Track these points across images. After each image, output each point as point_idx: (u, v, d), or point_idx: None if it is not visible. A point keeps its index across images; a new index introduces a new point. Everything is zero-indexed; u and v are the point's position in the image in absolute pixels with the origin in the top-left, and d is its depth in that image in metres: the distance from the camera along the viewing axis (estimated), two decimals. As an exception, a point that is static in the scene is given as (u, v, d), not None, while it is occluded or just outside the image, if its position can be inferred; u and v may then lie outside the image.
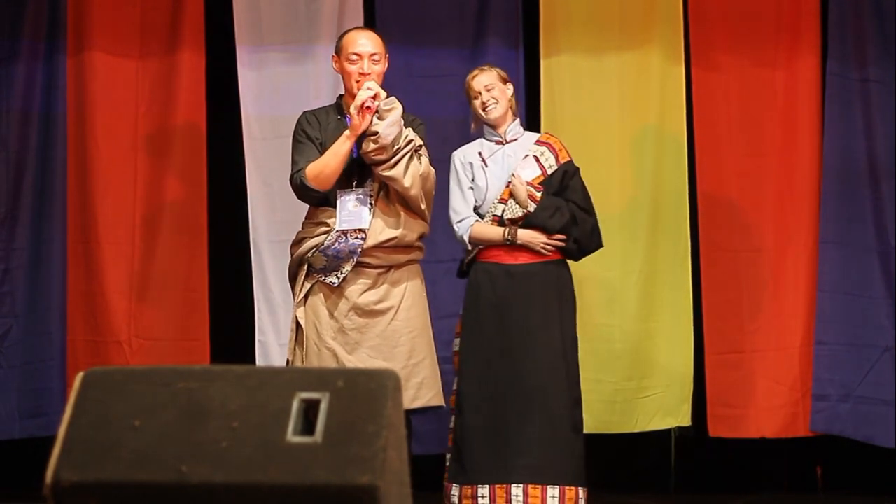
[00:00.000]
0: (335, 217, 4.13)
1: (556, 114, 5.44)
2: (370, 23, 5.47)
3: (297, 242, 4.24)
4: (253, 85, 5.47)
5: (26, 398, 5.37)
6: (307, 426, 2.18)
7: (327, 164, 4.10)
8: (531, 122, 5.45)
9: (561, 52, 5.46)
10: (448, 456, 4.49)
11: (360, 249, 4.08)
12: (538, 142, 4.65)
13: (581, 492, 4.46)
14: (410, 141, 4.13)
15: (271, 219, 5.43)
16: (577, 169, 4.63)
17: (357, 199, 4.13)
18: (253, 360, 5.33)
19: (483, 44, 5.47)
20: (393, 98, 4.12)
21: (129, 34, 5.48)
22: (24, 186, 5.42)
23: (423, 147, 4.22)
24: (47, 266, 5.41)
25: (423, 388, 4.15)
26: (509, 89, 4.63)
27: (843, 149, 5.35)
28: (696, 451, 5.48)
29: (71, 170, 5.44)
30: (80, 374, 2.30)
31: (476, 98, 4.59)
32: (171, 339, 5.43)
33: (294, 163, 4.19)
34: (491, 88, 4.58)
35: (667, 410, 5.35)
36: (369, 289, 4.12)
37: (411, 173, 4.10)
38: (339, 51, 4.26)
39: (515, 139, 4.64)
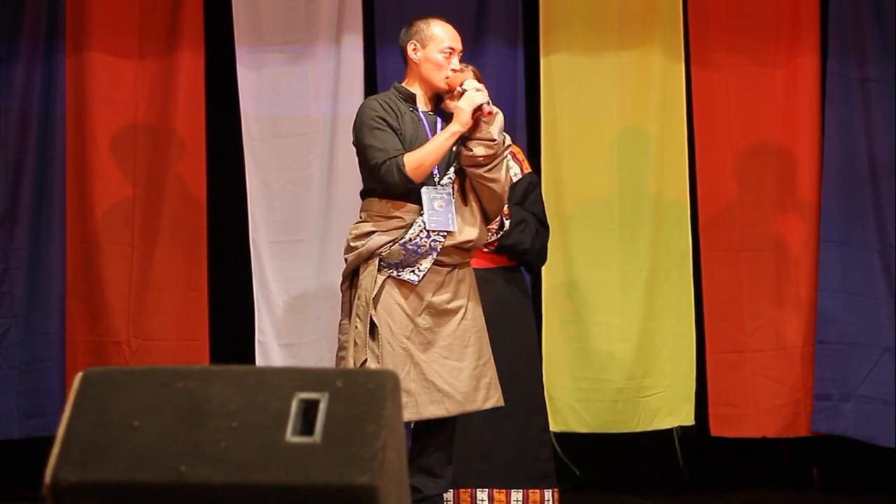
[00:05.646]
0: (409, 212, 3.93)
1: (556, 113, 5.43)
2: (369, 23, 5.47)
3: (364, 235, 3.96)
4: (252, 85, 5.45)
5: (25, 398, 5.35)
6: (306, 426, 2.18)
7: (427, 157, 3.90)
8: (531, 121, 5.44)
9: (560, 51, 5.44)
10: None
11: (440, 247, 3.93)
12: None
13: (548, 493, 4.46)
14: (509, 145, 4.05)
15: (271, 219, 5.42)
16: (539, 181, 4.64)
17: (442, 198, 3.96)
18: (253, 361, 5.32)
19: (483, 43, 5.46)
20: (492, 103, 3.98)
21: (128, 34, 5.47)
22: (23, 186, 5.40)
23: None
24: (46, 266, 5.39)
25: (492, 388, 4.00)
26: None
27: (844, 148, 5.34)
28: (697, 451, 5.47)
29: (70, 170, 5.42)
30: (80, 375, 2.30)
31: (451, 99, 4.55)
32: (170, 339, 5.41)
33: (372, 147, 3.92)
34: None
35: (669, 410, 5.34)
36: (440, 287, 3.96)
37: (506, 177, 4.03)
38: (425, 39, 4.01)
39: None
